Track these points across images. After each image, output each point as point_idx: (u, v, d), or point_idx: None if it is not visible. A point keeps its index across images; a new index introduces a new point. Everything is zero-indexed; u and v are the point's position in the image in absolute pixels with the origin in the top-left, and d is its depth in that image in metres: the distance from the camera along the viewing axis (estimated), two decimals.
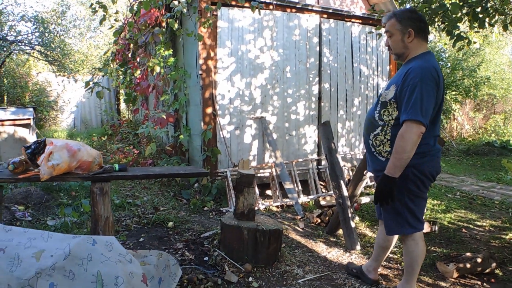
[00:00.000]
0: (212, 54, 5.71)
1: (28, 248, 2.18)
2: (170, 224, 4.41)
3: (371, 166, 2.89)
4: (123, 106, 14.67)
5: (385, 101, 2.70)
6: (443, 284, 3.29)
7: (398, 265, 3.64)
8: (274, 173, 5.80)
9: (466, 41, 4.67)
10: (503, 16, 4.40)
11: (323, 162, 6.55)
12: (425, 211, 2.82)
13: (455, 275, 3.36)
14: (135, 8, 5.43)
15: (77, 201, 5.00)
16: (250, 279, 3.22)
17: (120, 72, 7.39)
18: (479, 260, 3.43)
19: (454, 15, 4.23)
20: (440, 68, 2.69)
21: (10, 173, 3.00)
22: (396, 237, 3.12)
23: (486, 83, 13.65)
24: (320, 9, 6.46)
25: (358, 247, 3.97)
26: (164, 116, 5.97)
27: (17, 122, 7.42)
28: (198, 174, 3.98)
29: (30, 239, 2.26)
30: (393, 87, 2.66)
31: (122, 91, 11.79)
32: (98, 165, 3.20)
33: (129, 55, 6.87)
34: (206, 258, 3.54)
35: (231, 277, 3.18)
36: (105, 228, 3.12)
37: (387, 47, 2.86)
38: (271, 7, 6.03)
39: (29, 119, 7.49)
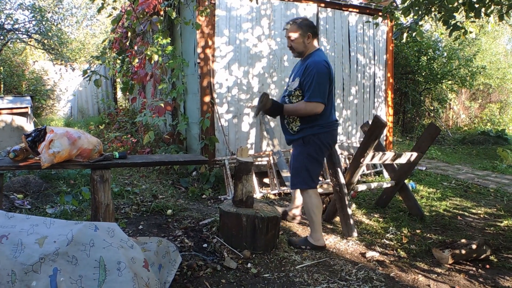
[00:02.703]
0: (210, 42, 5.70)
1: (31, 235, 2.21)
2: (169, 211, 4.45)
3: (286, 137, 3.77)
4: (119, 94, 14.64)
5: (291, 90, 3.58)
6: (438, 270, 3.36)
7: (395, 252, 3.70)
8: (272, 162, 5.84)
9: (462, 30, 4.69)
10: (499, 6, 4.40)
11: None
12: (321, 174, 3.75)
13: (450, 261, 3.43)
14: None
15: (76, 189, 5.03)
16: (249, 265, 3.27)
17: (118, 61, 7.38)
18: (474, 246, 3.49)
19: (450, 5, 4.24)
20: (329, 61, 3.57)
21: (11, 161, 3.03)
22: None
23: (482, 73, 13.66)
24: None
25: (355, 234, 4.03)
26: (162, 105, 5.98)
27: (15, 111, 7.39)
28: (197, 161, 4.02)
29: (33, 225, 2.29)
30: (297, 79, 3.54)
31: (119, 80, 11.74)
32: (98, 153, 3.23)
33: (127, 43, 6.85)
34: (205, 245, 3.58)
35: (230, 263, 3.23)
36: (106, 215, 3.16)
37: (289, 48, 3.73)
38: None
39: (26, 107, 7.47)
